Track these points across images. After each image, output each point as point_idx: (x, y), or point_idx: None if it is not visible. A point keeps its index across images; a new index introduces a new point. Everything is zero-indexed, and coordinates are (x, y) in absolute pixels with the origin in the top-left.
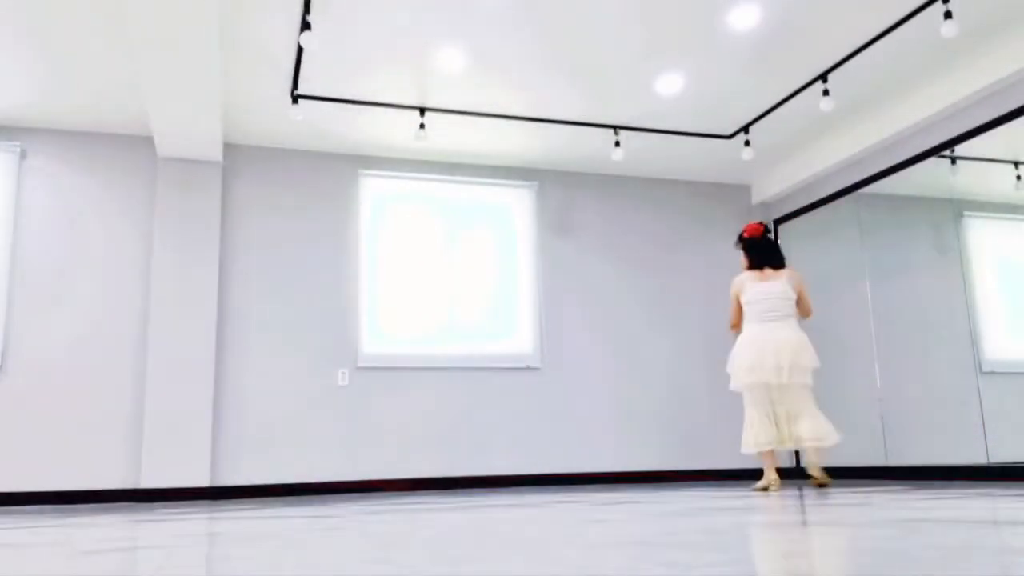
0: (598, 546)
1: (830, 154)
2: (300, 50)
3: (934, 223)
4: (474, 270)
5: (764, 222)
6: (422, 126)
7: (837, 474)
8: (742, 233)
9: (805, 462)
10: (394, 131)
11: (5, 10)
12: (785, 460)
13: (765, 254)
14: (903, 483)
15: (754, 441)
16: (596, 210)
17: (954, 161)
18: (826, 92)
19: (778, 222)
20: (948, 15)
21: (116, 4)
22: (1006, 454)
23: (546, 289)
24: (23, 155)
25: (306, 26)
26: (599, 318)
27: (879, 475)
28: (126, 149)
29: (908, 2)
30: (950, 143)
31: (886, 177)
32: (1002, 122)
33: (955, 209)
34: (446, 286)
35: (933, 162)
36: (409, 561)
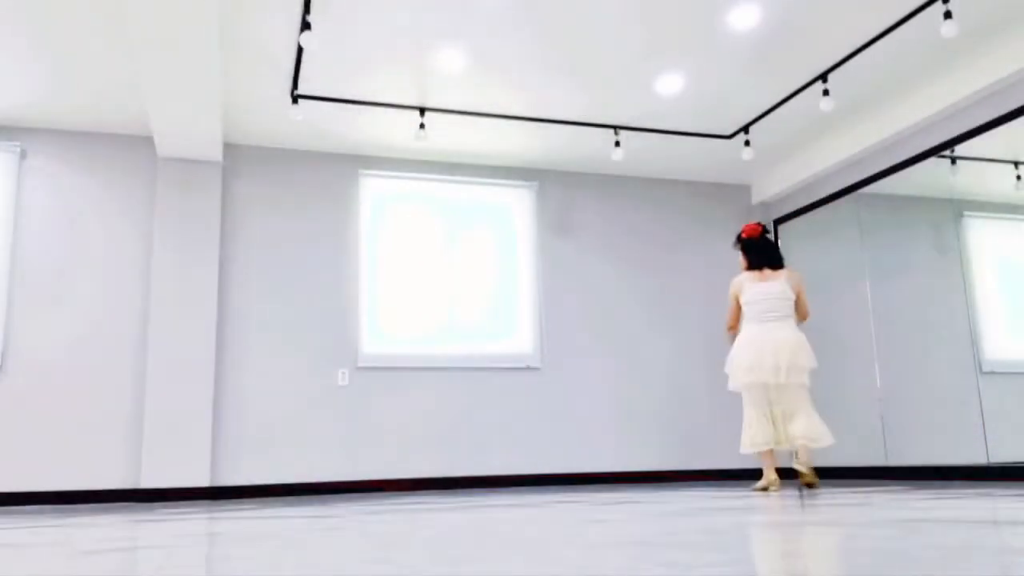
0: (598, 546)
1: (830, 154)
2: (300, 50)
3: (934, 223)
4: (474, 270)
5: (762, 222)
6: (422, 126)
7: (836, 474)
8: (740, 233)
9: (794, 461)
10: (394, 131)
11: (5, 10)
12: (785, 460)
13: (764, 254)
14: (903, 483)
15: (751, 441)
16: (596, 210)
17: (954, 161)
18: (826, 92)
19: (778, 222)
20: (948, 15)
21: (116, 4)
22: (1006, 454)
23: (546, 289)
24: (23, 155)
25: (306, 26)
26: (599, 318)
27: (879, 475)
28: (126, 149)
29: (908, 2)
30: (950, 143)
31: (886, 177)
32: (1002, 122)
33: (955, 209)
34: (446, 286)
35: (933, 162)
36: (409, 561)
